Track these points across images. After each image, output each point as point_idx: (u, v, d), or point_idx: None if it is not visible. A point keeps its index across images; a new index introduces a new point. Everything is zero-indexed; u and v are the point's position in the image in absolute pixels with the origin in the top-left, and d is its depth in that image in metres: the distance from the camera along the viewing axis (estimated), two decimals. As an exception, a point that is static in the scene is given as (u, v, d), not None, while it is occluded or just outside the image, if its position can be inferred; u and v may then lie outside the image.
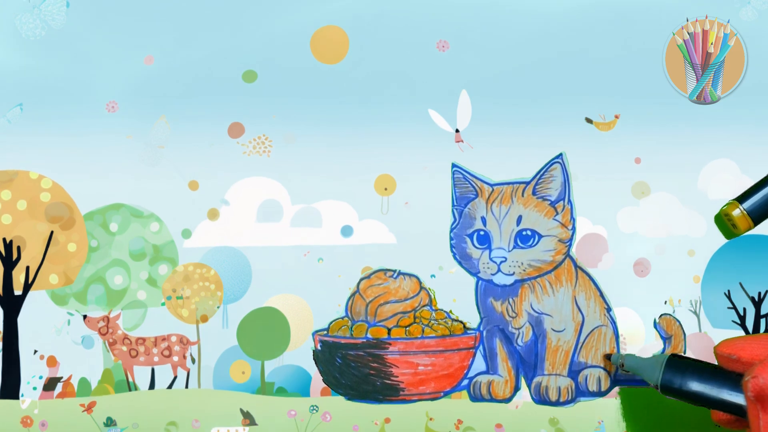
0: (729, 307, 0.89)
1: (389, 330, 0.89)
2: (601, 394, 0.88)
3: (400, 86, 0.91)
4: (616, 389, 0.89)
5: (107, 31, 0.92)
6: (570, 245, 0.89)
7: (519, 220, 0.88)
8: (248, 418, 0.89)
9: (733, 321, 0.89)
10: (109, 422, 0.89)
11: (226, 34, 0.91)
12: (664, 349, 0.89)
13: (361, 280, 0.90)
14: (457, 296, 0.90)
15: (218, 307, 0.90)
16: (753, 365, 0.68)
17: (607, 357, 0.88)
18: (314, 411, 0.89)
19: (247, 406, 0.89)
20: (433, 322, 0.89)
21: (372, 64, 0.91)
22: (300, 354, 0.90)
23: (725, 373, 0.71)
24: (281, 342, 0.90)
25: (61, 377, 0.90)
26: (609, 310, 0.89)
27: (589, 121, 0.90)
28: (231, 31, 0.91)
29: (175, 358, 0.90)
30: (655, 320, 0.89)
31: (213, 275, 0.90)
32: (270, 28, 0.91)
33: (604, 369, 0.89)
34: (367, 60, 0.91)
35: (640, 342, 0.89)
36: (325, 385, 0.89)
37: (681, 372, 0.72)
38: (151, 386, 0.90)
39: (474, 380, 0.89)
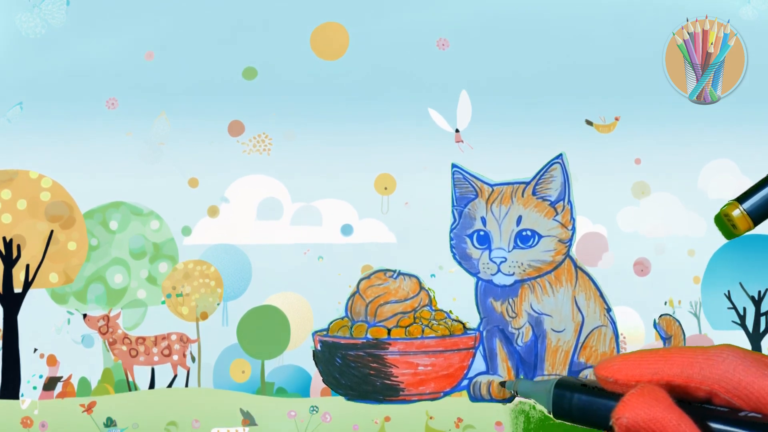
0: (729, 308, 0.89)
1: (389, 330, 0.89)
2: (600, 394, 0.88)
3: (400, 84, 0.91)
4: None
5: (107, 29, 0.91)
6: (570, 245, 0.89)
7: (519, 220, 0.88)
8: (248, 419, 0.89)
9: (733, 321, 0.89)
10: (109, 422, 0.89)
11: (226, 30, 0.91)
12: (663, 350, 0.89)
13: (361, 280, 0.90)
14: (457, 296, 0.90)
15: (218, 304, 0.90)
16: (628, 387, 0.67)
17: (502, 384, 0.88)
18: (314, 411, 0.89)
19: (247, 406, 0.89)
20: (432, 322, 0.89)
21: (372, 62, 0.91)
22: (300, 354, 0.90)
23: (610, 394, 0.70)
24: (281, 341, 0.90)
25: (61, 377, 0.90)
26: (609, 310, 0.89)
27: (589, 123, 0.90)
28: (231, 28, 0.91)
29: (175, 357, 0.90)
30: (655, 321, 0.89)
31: (213, 272, 0.90)
32: (270, 24, 0.91)
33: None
34: (367, 57, 0.91)
35: (640, 342, 0.89)
36: (325, 386, 0.89)
37: (569, 395, 0.71)
38: (151, 386, 0.90)
39: (474, 380, 0.89)
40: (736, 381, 0.63)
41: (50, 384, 0.90)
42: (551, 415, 0.72)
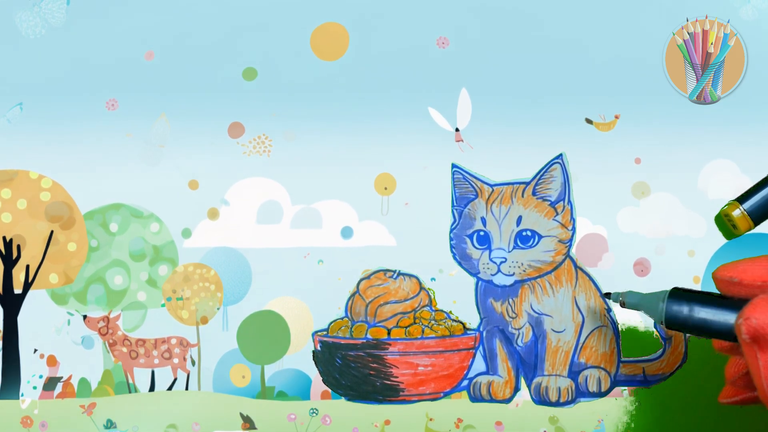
0: (729, 307, 0.89)
1: (389, 330, 0.89)
2: (601, 394, 0.88)
3: (400, 84, 0.91)
4: (618, 390, 0.89)
5: (107, 29, 0.91)
6: (570, 246, 0.89)
7: (519, 220, 0.88)
8: (248, 422, 0.89)
9: (733, 321, 0.89)
10: (109, 424, 0.89)
11: (226, 31, 0.91)
12: (664, 350, 0.89)
13: (361, 280, 0.90)
14: (456, 297, 0.90)
15: (218, 309, 0.90)
16: (753, 287, 0.66)
17: (606, 295, 0.86)
18: (314, 414, 0.89)
19: (247, 410, 0.89)
20: (432, 322, 0.89)
21: (372, 61, 0.91)
22: (300, 357, 0.90)
23: (728, 299, 0.70)
24: (281, 345, 0.90)
25: (61, 377, 0.90)
26: (609, 310, 0.89)
27: (589, 121, 0.90)
28: (231, 28, 0.91)
29: (175, 360, 0.90)
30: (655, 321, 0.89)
31: (213, 276, 0.90)
32: (270, 24, 0.91)
33: (604, 369, 0.89)
34: (367, 57, 0.91)
35: (641, 342, 0.89)
36: (326, 389, 0.89)
37: (686, 302, 0.71)
38: (151, 388, 0.90)
39: (474, 381, 0.89)
40: None
41: (50, 384, 0.90)
42: (662, 326, 0.72)
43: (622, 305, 0.79)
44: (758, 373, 0.63)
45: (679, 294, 0.72)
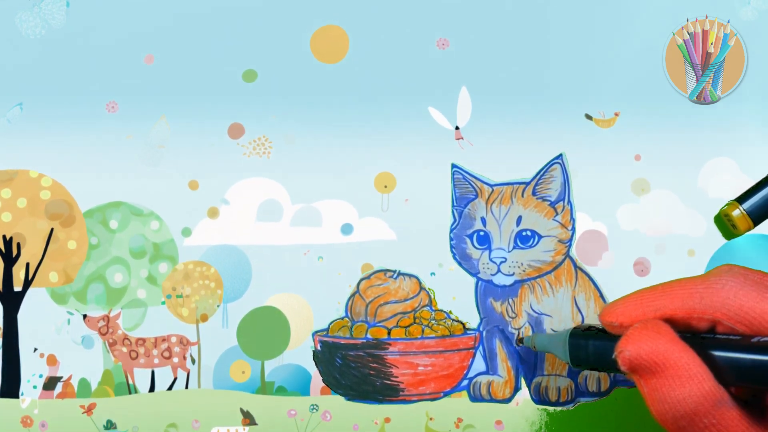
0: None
1: (389, 330, 0.89)
2: (601, 394, 0.89)
3: (400, 84, 0.91)
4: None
5: (107, 30, 0.91)
6: (570, 246, 0.89)
7: (519, 220, 0.88)
8: (248, 418, 0.89)
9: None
10: (109, 425, 0.89)
11: (226, 33, 0.91)
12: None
13: (361, 280, 0.90)
14: (456, 293, 0.90)
15: (218, 306, 0.90)
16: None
17: (520, 341, 0.88)
18: (314, 410, 0.89)
19: (247, 405, 0.90)
20: (432, 322, 0.89)
21: (372, 63, 0.91)
22: (300, 353, 0.90)
23: (617, 338, 0.71)
24: (281, 341, 0.90)
25: (61, 377, 0.90)
26: (608, 310, 0.89)
27: (588, 117, 0.90)
28: (231, 31, 0.91)
29: (175, 360, 0.90)
30: (654, 321, 0.89)
31: (213, 273, 0.90)
32: (270, 27, 0.91)
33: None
34: (367, 59, 0.91)
35: (640, 341, 0.89)
36: (325, 385, 0.90)
37: (584, 343, 0.72)
38: (151, 389, 0.90)
39: (474, 381, 0.89)
40: (737, 307, 0.62)
41: (50, 383, 0.90)
42: (570, 364, 0.74)
43: (534, 349, 0.82)
44: (646, 399, 0.63)
45: (577, 334, 0.73)
